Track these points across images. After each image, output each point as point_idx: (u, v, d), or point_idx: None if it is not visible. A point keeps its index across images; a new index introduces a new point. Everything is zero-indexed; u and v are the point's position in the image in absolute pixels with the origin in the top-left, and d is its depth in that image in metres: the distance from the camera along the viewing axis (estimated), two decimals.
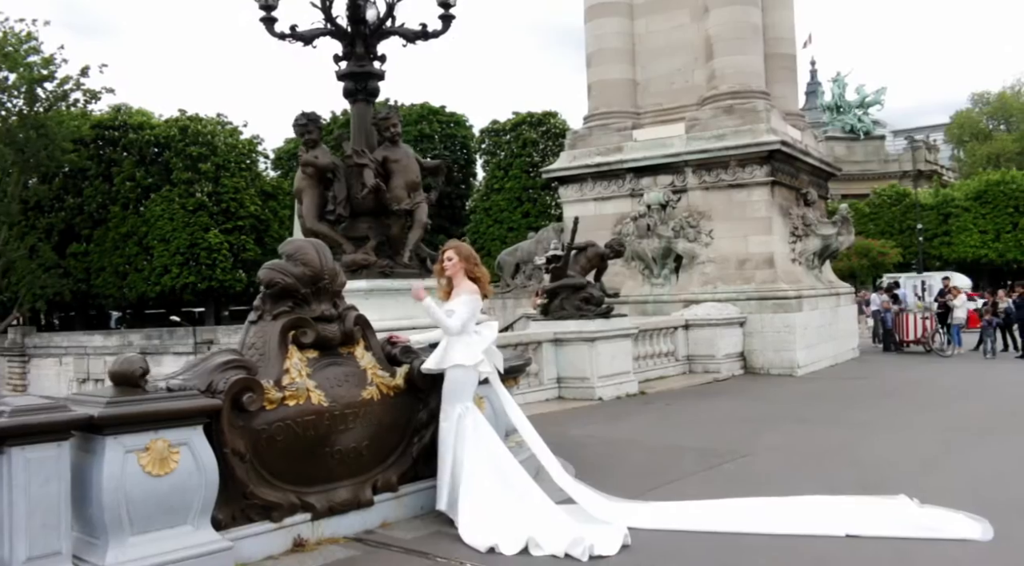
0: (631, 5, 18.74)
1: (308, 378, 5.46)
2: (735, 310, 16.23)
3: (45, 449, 4.21)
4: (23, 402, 4.28)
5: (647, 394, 13.26)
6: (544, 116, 48.19)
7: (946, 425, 10.18)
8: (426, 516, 6.02)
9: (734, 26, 17.25)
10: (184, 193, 37.21)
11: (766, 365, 16.05)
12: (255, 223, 39.65)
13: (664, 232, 17.00)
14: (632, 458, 8.38)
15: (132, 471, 4.46)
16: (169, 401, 4.67)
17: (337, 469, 5.58)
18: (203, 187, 37.18)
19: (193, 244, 36.97)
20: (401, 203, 9.14)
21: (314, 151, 9.29)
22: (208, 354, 5.30)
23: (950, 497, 6.28)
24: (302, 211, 9.36)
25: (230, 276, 38.20)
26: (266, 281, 5.55)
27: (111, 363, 4.85)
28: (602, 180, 18.54)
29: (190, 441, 4.72)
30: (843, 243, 17.98)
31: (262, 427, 5.15)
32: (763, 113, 16.82)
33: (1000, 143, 58.30)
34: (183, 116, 38.89)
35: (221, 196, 38.06)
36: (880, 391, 13.61)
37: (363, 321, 5.93)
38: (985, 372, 16.32)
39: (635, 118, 18.65)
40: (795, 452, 8.63)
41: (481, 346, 5.99)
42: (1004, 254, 45.33)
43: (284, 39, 9.56)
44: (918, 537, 5.50)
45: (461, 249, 6.11)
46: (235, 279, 38.62)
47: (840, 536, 5.50)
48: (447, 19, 9.75)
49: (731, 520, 5.86)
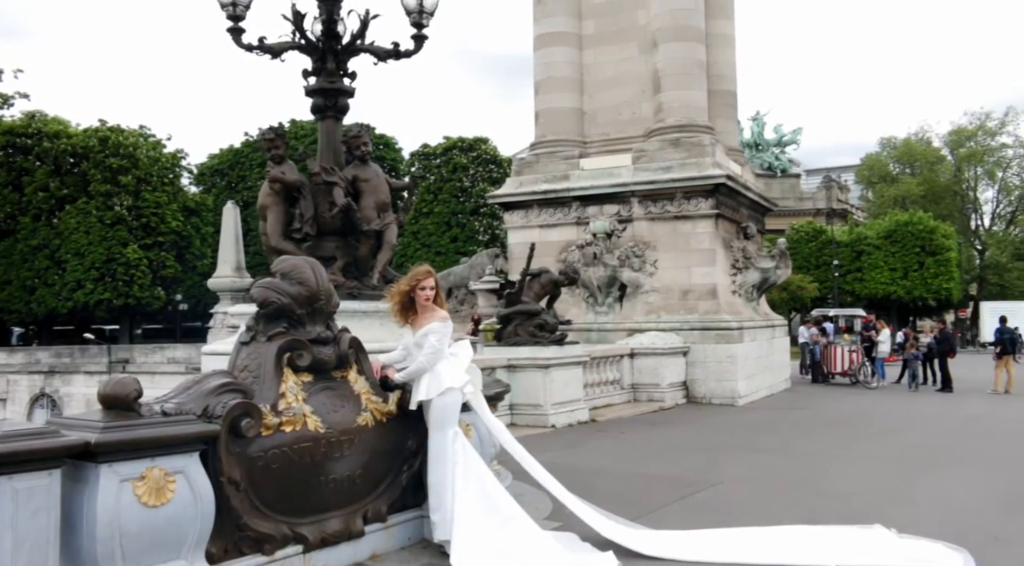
0: (580, 36, 19.02)
1: (304, 403, 5.21)
2: (679, 340, 16.46)
3: (35, 478, 3.86)
4: (10, 427, 3.93)
5: (598, 422, 13.26)
6: (475, 142, 48.35)
7: (892, 455, 10.49)
8: (414, 547, 5.85)
9: (681, 62, 17.69)
10: (102, 206, 35.68)
11: (708, 394, 16.30)
12: (176, 239, 38.34)
13: (610, 261, 17.16)
14: (603, 487, 8.30)
15: (127, 502, 4.14)
16: (167, 426, 4.37)
17: (330, 498, 5.33)
18: (123, 200, 35.75)
19: (110, 259, 35.43)
20: (371, 223, 8.90)
21: (281, 167, 8.99)
22: (200, 376, 4.99)
23: (922, 526, 6.44)
24: (266, 228, 9.03)
25: (148, 293, 36.75)
26: (260, 300, 5.28)
27: (101, 385, 4.51)
28: (548, 207, 18.63)
29: (186, 469, 4.42)
30: (780, 276, 18.51)
31: (258, 454, 4.87)
32: (708, 147, 17.24)
33: (906, 186, 61.36)
34: (103, 126, 37.42)
35: (141, 210, 36.67)
36: (821, 422, 13.97)
37: (357, 344, 5.71)
38: (912, 404, 16.94)
39: (582, 147, 18.86)
40: (760, 481, 8.73)
41: (462, 366, 5.91)
42: (911, 291, 47.54)
43: (251, 51, 9.24)
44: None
45: (433, 274, 6.03)
46: (153, 296, 37.18)
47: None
48: (419, 39, 9.62)
49: (726, 550, 5.89)
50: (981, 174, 62.79)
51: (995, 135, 61.12)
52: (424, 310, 5.84)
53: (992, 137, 61.26)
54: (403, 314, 5.95)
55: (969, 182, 63.16)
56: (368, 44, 9.54)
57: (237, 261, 27.28)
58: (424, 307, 5.83)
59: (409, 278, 5.88)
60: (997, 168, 61.87)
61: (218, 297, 28.10)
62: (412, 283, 5.82)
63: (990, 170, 62.00)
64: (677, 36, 17.70)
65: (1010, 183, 62.46)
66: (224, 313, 27.74)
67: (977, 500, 7.81)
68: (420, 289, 5.80)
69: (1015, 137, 60.48)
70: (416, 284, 5.80)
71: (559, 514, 6.49)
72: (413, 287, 5.81)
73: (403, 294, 5.87)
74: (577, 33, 19.00)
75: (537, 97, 19.54)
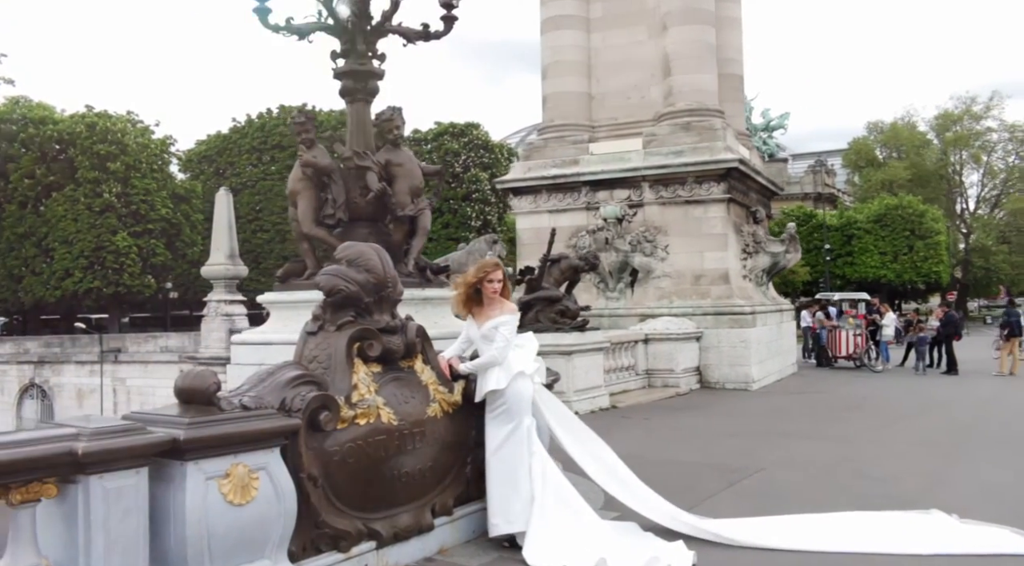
0: (588, 19, 18.79)
1: (376, 394, 5.04)
2: (692, 325, 16.38)
3: (124, 477, 3.70)
4: (101, 423, 3.74)
5: (619, 408, 13.16)
6: (466, 127, 48.06)
7: (922, 439, 10.46)
8: (479, 540, 5.72)
9: (691, 45, 17.51)
10: (90, 193, 35.15)
11: (722, 379, 16.24)
12: (166, 227, 37.87)
13: (621, 246, 17.03)
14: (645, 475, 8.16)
15: (214, 500, 3.98)
16: (251, 421, 4.20)
17: (401, 492, 5.19)
18: (111, 187, 35.22)
19: (99, 247, 34.95)
20: (405, 208, 8.69)
21: (312, 151, 8.75)
22: (273, 368, 4.80)
23: (975, 511, 6.35)
24: (297, 214, 8.79)
25: (138, 281, 36.31)
26: (328, 288, 5.10)
27: (179, 377, 4.32)
28: (557, 192, 18.45)
29: (268, 466, 4.25)
30: (790, 260, 18.46)
31: (333, 448, 4.72)
32: (720, 131, 17.11)
33: (893, 170, 61.60)
34: (90, 112, 36.77)
35: (131, 197, 36.17)
36: (840, 406, 13.93)
37: (423, 333, 5.55)
38: (923, 387, 16.96)
39: (591, 131, 18.67)
40: (801, 466, 8.66)
41: (530, 357, 5.80)
42: (901, 274, 47.78)
43: (279, 32, 8.98)
44: (981, 553, 5.52)
45: (502, 267, 5.89)
46: (144, 284, 36.75)
47: (905, 554, 5.48)
48: (449, 20, 9.35)
49: (792, 537, 5.82)
50: (967, 158, 63.14)
51: (980, 119, 61.40)
52: (491, 302, 5.69)
53: (977, 121, 61.54)
54: (466, 305, 5.79)
55: (955, 166, 63.53)
56: (397, 25, 9.29)
57: (230, 248, 26.84)
58: (491, 299, 5.68)
59: (477, 270, 5.72)
60: (982, 152, 62.23)
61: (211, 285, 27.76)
62: (480, 275, 5.65)
63: (975, 154, 62.34)
64: (687, 19, 17.50)
65: (995, 167, 62.88)
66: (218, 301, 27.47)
67: (1019, 483, 7.77)
68: (488, 281, 5.63)
69: (1000, 121, 60.83)
70: (484, 276, 5.63)
71: (613, 503, 6.36)
72: (480, 279, 5.64)
73: (469, 286, 5.71)
74: (585, 16, 18.77)
75: (545, 81, 19.30)
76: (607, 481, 6.11)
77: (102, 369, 29.45)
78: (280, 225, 41.54)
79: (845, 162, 69.60)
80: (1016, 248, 57.57)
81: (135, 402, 30.12)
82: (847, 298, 23.90)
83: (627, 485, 6.13)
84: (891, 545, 5.63)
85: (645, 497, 6.13)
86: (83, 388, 31.03)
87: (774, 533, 5.82)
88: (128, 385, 30.40)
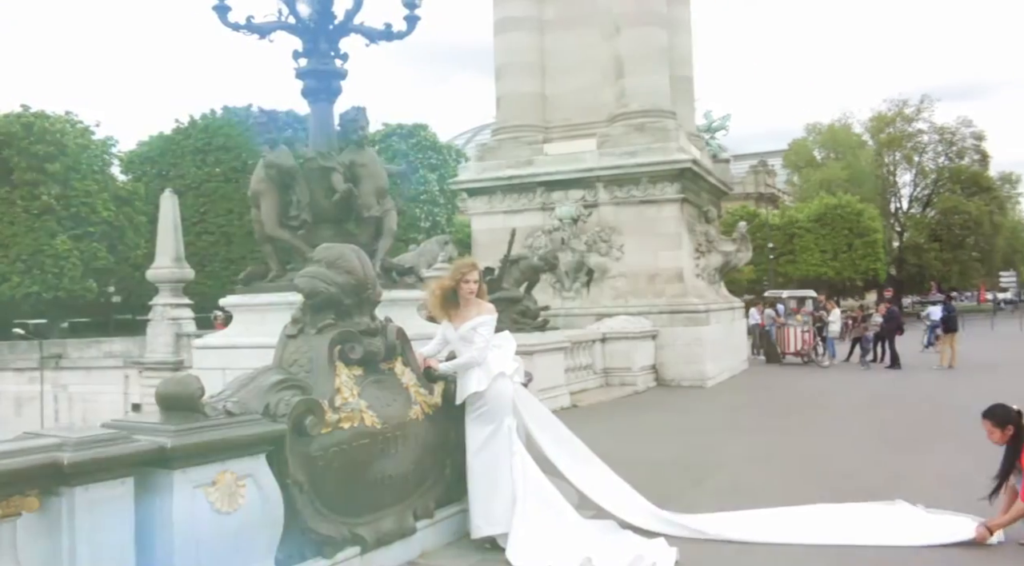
0: (541, 20, 18.85)
1: (359, 398, 4.98)
2: (648, 323, 16.55)
3: (110, 488, 3.59)
4: (84, 433, 3.62)
5: (580, 407, 13.23)
6: (414, 128, 47.78)
7: (877, 432, 10.71)
8: (460, 542, 5.71)
9: (644, 46, 17.70)
10: (27, 195, 33.86)
11: (677, 377, 16.45)
12: (108, 229, 36.68)
13: (577, 246, 17.14)
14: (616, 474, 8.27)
15: (202, 509, 3.89)
16: (238, 427, 4.11)
17: (385, 496, 5.15)
18: (50, 189, 33.99)
19: (37, 251, 33.68)
20: (371, 210, 8.62)
21: (274, 151, 8.61)
22: (254, 372, 4.70)
23: (942, 501, 6.53)
24: (260, 216, 8.63)
25: (79, 286, 35.13)
26: (308, 291, 5.03)
27: (161, 383, 4.21)
28: (512, 193, 18.47)
29: (255, 473, 4.17)
30: (742, 259, 18.80)
31: (318, 453, 4.65)
32: (673, 132, 17.33)
33: (831, 170, 63.14)
34: (26, 112, 35.45)
35: (70, 200, 34.95)
36: (794, 401, 14.24)
37: (403, 334, 5.50)
38: (869, 381, 17.39)
39: (544, 132, 18.74)
40: (764, 461, 8.83)
41: (509, 356, 5.80)
42: (841, 272, 49.07)
43: (239, 30, 8.83)
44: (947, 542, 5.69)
45: (478, 268, 5.83)
46: (85, 289, 35.58)
47: (876, 546, 5.62)
48: (412, 20, 9.35)
49: (766, 530, 5.92)
50: (899, 159, 65.08)
51: (912, 121, 63.38)
52: (468, 303, 5.65)
53: (909, 123, 63.51)
54: (443, 308, 5.74)
55: (889, 167, 65.44)
56: (360, 24, 9.22)
57: (176, 251, 26.23)
58: (468, 300, 5.64)
59: (453, 272, 5.67)
60: (914, 153, 64.21)
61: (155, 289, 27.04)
62: (457, 277, 5.60)
63: (908, 155, 64.29)
64: (640, 21, 17.69)
65: (926, 167, 64.83)
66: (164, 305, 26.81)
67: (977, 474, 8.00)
68: (464, 282, 5.59)
69: (930, 123, 62.85)
70: (461, 277, 5.59)
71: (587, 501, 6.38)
72: (458, 281, 5.60)
73: (447, 288, 5.66)
74: (538, 17, 18.83)
75: (498, 82, 19.31)
76: (583, 482, 6.11)
77: (42, 376, 28.43)
78: (225, 228, 40.67)
79: (785, 163, 71.12)
80: (947, 246, 59.53)
81: (77, 410, 29.19)
82: (795, 295, 24.41)
83: (604, 485, 6.14)
84: (868, 537, 5.75)
85: (623, 498, 6.14)
86: (22, 396, 29.91)
87: (753, 527, 5.92)
88: (70, 392, 29.43)
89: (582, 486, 6.09)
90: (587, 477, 6.13)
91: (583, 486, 6.08)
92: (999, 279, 62.70)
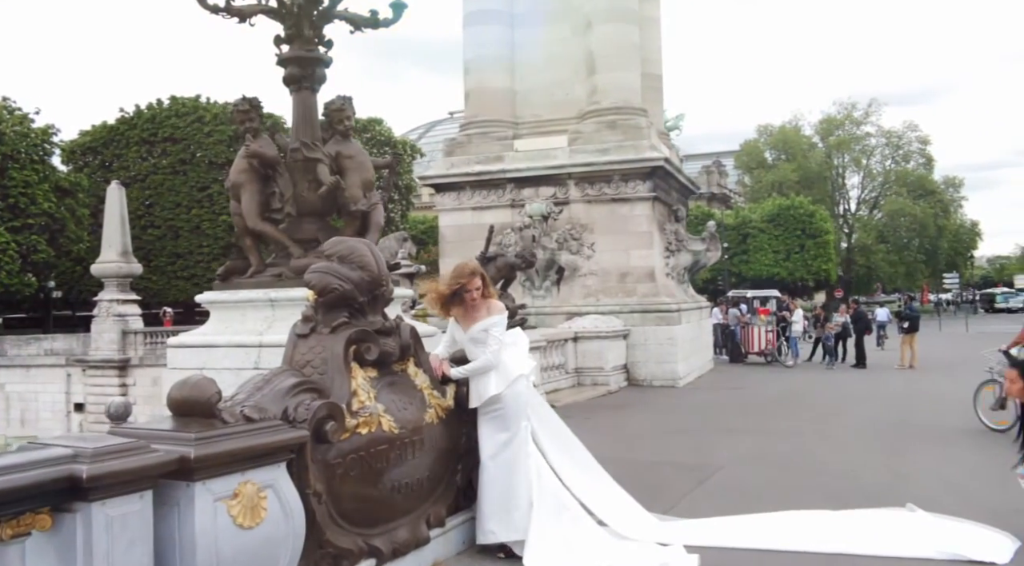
0: (512, 15, 18.60)
1: (376, 401, 4.68)
2: (620, 322, 16.44)
3: (128, 503, 3.26)
4: (100, 443, 3.27)
5: (556, 407, 12.95)
6: (369, 123, 47.10)
7: (861, 432, 10.70)
8: (470, 551, 5.48)
9: (616, 43, 17.57)
10: None
11: (649, 377, 16.37)
12: (48, 222, 35.39)
13: (548, 244, 16.94)
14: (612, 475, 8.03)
15: (223, 524, 3.58)
16: (258, 435, 3.80)
17: (400, 505, 4.86)
18: None
19: None
20: (357, 203, 8.28)
21: (257, 141, 8.21)
22: (269, 374, 4.37)
23: (947, 506, 6.44)
24: (240, 208, 8.22)
25: (17, 279, 33.81)
26: (320, 287, 4.70)
27: (173, 387, 3.86)
28: (481, 189, 18.19)
29: (276, 483, 3.87)
30: (711, 259, 18.82)
31: (336, 461, 4.36)
32: (645, 130, 17.25)
33: (782, 172, 64.19)
34: None
35: (8, 190, 33.64)
36: (769, 400, 14.24)
37: (416, 334, 5.21)
38: (837, 381, 17.54)
39: (514, 128, 18.51)
40: (760, 463, 8.75)
41: (524, 354, 5.57)
42: (793, 272, 49.85)
43: (217, 13, 8.41)
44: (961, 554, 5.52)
45: (480, 273, 5.52)
46: (23, 283, 34.26)
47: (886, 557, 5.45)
48: (399, 7, 9.03)
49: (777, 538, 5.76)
50: (848, 161, 66.42)
51: (860, 124, 64.76)
52: (476, 305, 5.38)
53: (858, 126, 64.88)
54: (444, 309, 5.48)
55: (838, 169, 66.71)
56: (345, 11, 8.87)
57: (123, 245, 25.36)
58: (479, 303, 5.38)
59: (452, 279, 5.36)
60: (862, 156, 65.61)
61: (99, 283, 26.00)
62: (455, 287, 5.32)
63: (856, 157, 65.66)
64: (612, 17, 17.56)
65: (874, 170, 66.33)
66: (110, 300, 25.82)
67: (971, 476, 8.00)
68: (466, 291, 5.32)
69: (878, 127, 64.34)
70: (460, 287, 5.31)
71: None
72: (456, 290, 5.32)
73: (442, 295, 5.39)
74: (509, 11, 18.58)
75: (467, 76, 19.00)
76: (586, 494, 5.77)
77: None
78: (172, 221, 39.55)
79: (737, 163, 72.07)
80: (893, 247, 60.98)
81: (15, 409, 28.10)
82: (758, 295, 24.60)
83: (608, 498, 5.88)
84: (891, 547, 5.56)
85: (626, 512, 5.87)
86: None
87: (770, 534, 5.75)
88: (8, 391, 28.26)
89: (584, 498, 5.79)
90: (590, 488, 5.83)
91: (585, 498, 5.78)
92: (943, 281, 64.45)
